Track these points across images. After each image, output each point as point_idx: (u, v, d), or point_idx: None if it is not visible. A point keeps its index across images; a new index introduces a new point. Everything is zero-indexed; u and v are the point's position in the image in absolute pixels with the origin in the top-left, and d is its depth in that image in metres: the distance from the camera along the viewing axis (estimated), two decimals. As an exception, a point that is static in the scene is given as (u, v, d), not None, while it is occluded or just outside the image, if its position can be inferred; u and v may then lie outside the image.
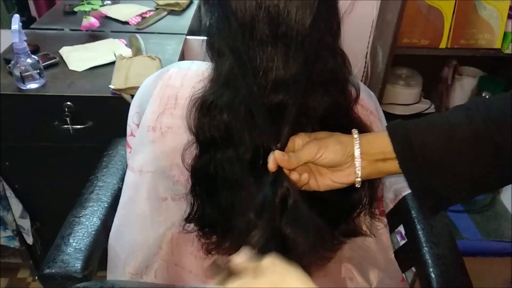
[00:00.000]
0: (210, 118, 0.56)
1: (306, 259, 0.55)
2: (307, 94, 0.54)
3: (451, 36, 1.38)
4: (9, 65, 1.13)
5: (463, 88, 1.64)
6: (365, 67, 1.59)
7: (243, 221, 0.53)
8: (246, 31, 0.53)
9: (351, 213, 0.62)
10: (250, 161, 0.55)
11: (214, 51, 0.57)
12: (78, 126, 1.13)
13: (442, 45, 1.39)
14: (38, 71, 1.11)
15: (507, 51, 1.39)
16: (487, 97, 1.00)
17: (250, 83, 0.52)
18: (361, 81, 1.39)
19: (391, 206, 0.80)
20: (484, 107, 0.52)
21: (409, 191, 0.75)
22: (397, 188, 0.75)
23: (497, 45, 1.39)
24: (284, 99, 0.54)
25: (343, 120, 0.59)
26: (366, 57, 1.58)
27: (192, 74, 0.63)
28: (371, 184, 0.61)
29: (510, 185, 1.71)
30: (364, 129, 0.60)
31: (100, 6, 1.45)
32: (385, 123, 0.70)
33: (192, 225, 0.63)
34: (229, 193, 0.57)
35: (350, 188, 0.57)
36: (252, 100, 0.52)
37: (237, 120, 0.54)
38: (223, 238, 0.61)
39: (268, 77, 0.54)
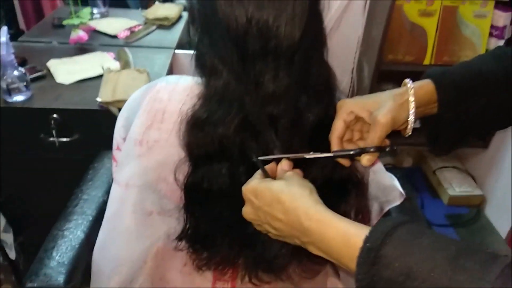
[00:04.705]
0: (204, 134, 0.57)
1: (280, 261, 0.58)
2: (298, 107, 0.56)
3: (434, 53, 1.41)
4: (-5, 77, 1.12)
5: (447, 104, 1.67)
6: (351, 82, 1.61)
7: (237, 233, 0.53)
8: (238, 47, 0.54)
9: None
10: (244, 173, 0.56)
11: (205, 69, 0.58)
12: (64, 139, 1.12)
13: (426, 61, 1.42)
14: (25, 83, 1.11)
15: (489, 68, 1.42)
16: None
17: (252, 96, 0.54)
18: (348, 96, 1.41)
19: (375, 220, 0.80)
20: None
21: (393, 204, 0.75)
22: (382, 201, 0.75)
23: (479, 62, 1.43)
24: (276, 112, 0.55)
25: None
26: (352, 72, 1.60)
27: (181, 89, 0.63)
28: (360, 192, 0.62)
29: (493, 200, 1.72)
30: None
31: (89, 19, 1.45)
32: None
33: (183, 242, 0.63)
34: (223, 207, 0.58)
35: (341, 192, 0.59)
36: (254, 113, 0.54)
37: (231, 135, 0.55)
38: (214, 253, 0.61)
39: (260, 91, 0.55)
